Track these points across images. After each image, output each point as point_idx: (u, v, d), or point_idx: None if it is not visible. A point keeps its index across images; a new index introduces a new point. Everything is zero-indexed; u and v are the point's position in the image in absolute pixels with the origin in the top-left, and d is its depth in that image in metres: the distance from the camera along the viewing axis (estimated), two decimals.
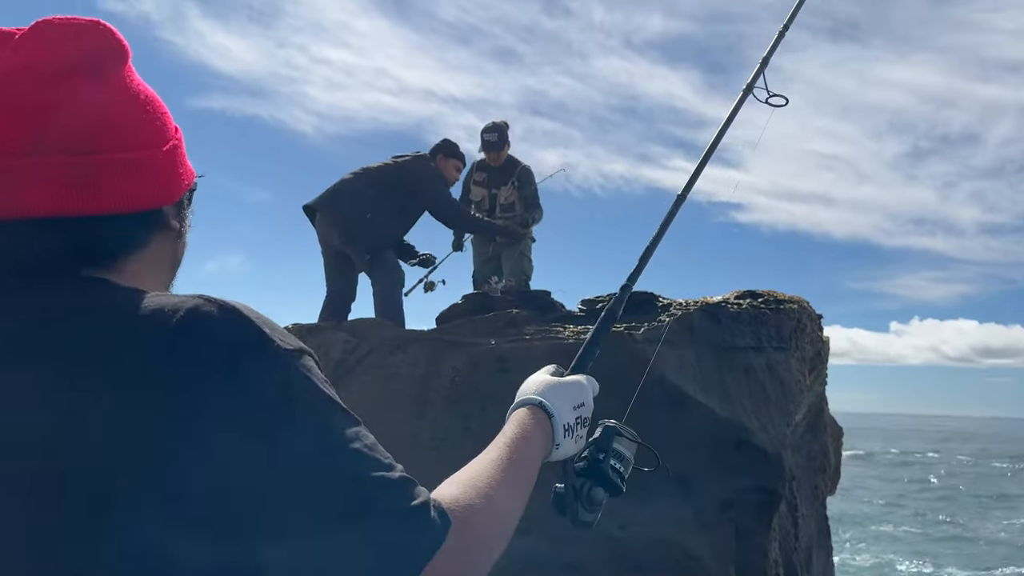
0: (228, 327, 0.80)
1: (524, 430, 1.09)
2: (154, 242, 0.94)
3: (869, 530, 17.51)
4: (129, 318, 0.82)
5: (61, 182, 0.85)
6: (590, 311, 4.99)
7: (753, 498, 4.53)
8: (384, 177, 5.35)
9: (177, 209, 0.98)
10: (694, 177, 1.72)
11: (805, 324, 5.19)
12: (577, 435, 1.19)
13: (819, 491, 5.89)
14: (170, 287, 1.02)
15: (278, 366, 0.80)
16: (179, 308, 0.81)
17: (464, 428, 4.27)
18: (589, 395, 1.24)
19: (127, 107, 0.90)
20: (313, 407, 0.81)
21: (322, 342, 4.55)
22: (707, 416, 4.31)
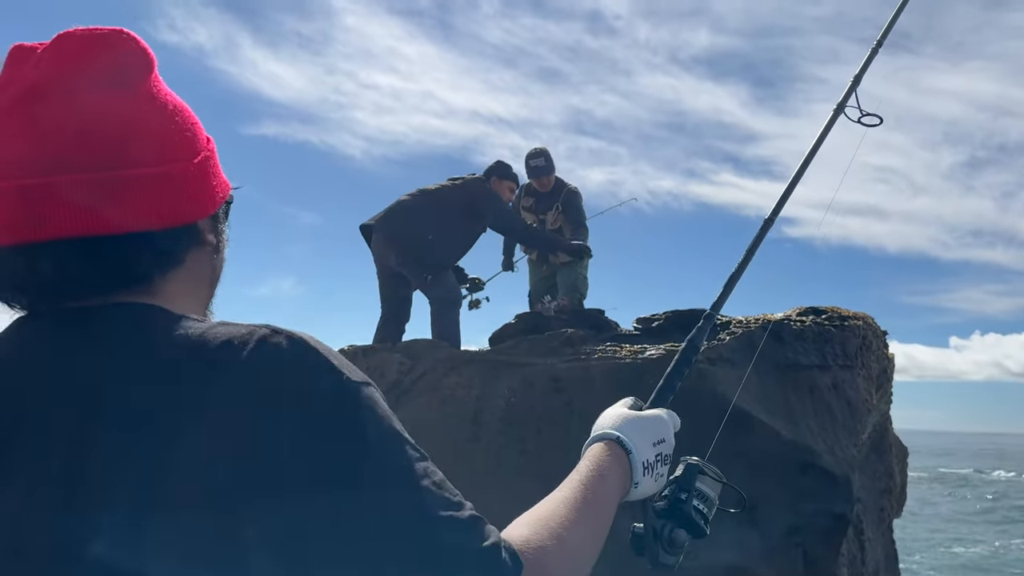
0: (298, 360, 0.77)
1: (600, 467, 1.03)
2: (190, 259, 0.90)
3: (938, 552, 16.86)
4: (195, 350, 0.78)
5: (88, 200, 0.81)
6: (646, 329, 4.89)
7: (821, 523, 4.36)
8: (444, 198, 5.34)
9: (213, 223, 0.94)
10: (782, 200, 1.65)
11: (871, 341, 5.01)
12: (657, 473, 1.12)
13: (885, 514, 5.67)
14: (209, 306, 0.99)
15: (348, 400, 0.77)
16: (247, 340, 0.78)
17: (520, 451, 4.20)
18: (670, 430, 1.17)
19: (154, 118, 0.86)
20: (383, 442, 0.77)
21: (377, 363, 4.54)
22: (771, 438, 4.17)
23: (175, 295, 0.89)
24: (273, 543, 0.72)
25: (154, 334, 0.81)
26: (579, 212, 6.21)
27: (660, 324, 4.81)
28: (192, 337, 0.79)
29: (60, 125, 0.81)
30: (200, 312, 0.95)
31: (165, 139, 0.86)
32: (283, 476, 0.72)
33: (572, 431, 4.19)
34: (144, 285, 0.86)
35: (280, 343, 0.78)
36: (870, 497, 5.22)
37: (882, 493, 5.54)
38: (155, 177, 0.84)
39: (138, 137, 0.84)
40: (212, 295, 0.99)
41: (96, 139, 0.82)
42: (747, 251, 1.56)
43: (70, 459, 0.74)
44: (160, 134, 0.86)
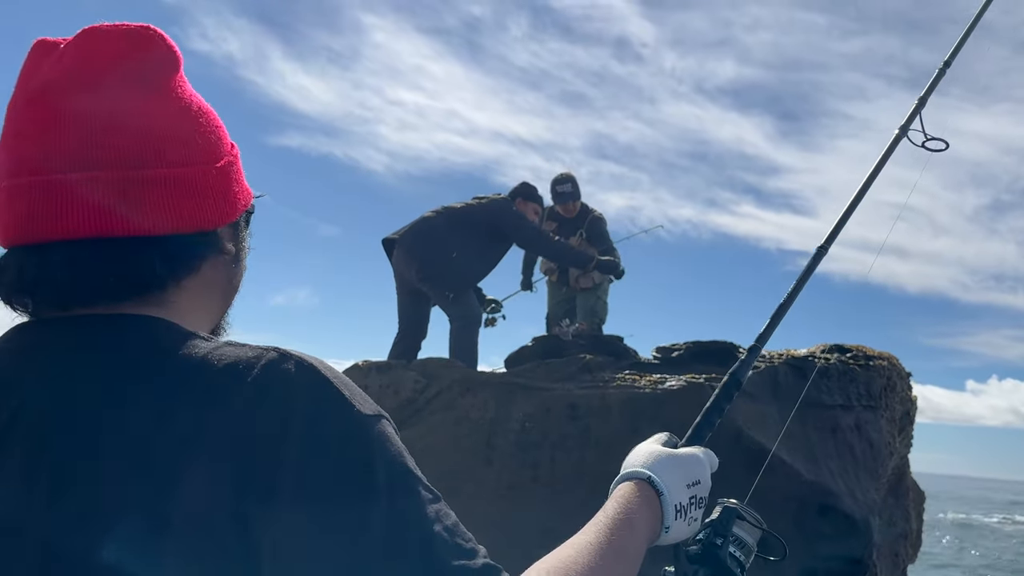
0: (307, 389, 0.72)
1: (628, 510, 0.95)
2: (206, 267, 0.86)
3: None
4: (197, 373, 0.73)
5: (106, 199, 0.77)
6: (665, 359, 4.80)
7: (838, 567, 4.25)
8: (470, 217, 5.30)
9: (233, 231, 0.90)
10: (838, 227, 1.56)
11: (895, 382, 4.90)
12: (691, 517, 1.04)
13: (900, 559, 5.53)
14: (225, 316, 0.94)
15: (358, 436, 0.71)
16: (254, 364, 0.73)
17: (532, 478, 4.12)
18: (707, 471, 1.09)
19: (178, 119, 0.83)
20: (392, 480, 0.71)
21: (392, 380, 4.48)
22: (791, 477, 4.06)
23: (187, 306, 0.84)
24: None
25: (157, 352, 0.76)
26: (604, 238, 6.13)
27: (680, 354, 4.73)
28: (195, 358, 0.74)
29: (81, 121, 0.78)
30: (212, 324, 0.91)
31: (188, 140, 0.83)
32: (283, 514, 0.67)
33: (587, 459, 4.11)
34: (156, 293, 0.81)
35: (289, 370, 0.73)
36: (885, 541, 5.09)
37: (898, 538, 5.41)
38: (175, 179, 0.81)
39: (160, 137, 0.81)
40: (228, 306, 0.94)
41: (117, 137, 0.79)
42: (798, 281, 1.46)
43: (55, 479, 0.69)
44: (183, 135, 0.83)
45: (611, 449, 4.32)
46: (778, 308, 1.42)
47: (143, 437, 0.69)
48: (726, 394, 1.28)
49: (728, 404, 1.27)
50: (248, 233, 0.95)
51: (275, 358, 0.73)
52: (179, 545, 0.66)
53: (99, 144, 0.78)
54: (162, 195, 0.80)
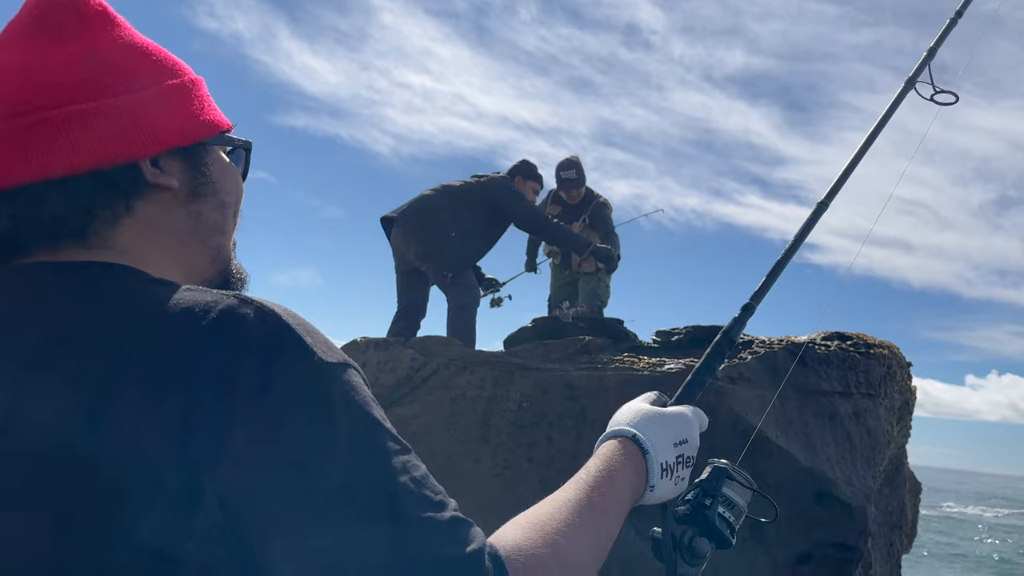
0: (263, 333, 0.68)
1: (611, 467, 0.93)
2: (143, 207, 0.82)
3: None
4: (148, 318, 0.70)
5: (2, 150, 0.77)
6: (665, 343, 4.78)
7: (832, 554, 4.24)
8: (468, 195, 5.26)
9: (185, 164, 0.85)
10: (840, 181, 1.53)
11: (895, 371, 4.88)
12: (677, 476, 1.02)
13: (895, 549, 5.53)
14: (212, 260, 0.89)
15: (316, 379, 0.68)
16: (210, 308, 0.69)
17: (528, 458, 4.10)
18: (695, 430, 1.07)
19: (76, 59, 0.80)
20: (354, 430, 0.68)
21: (389, 357, 4.46)
22: (788, 463, 4.05)
23: (140, 249, 0.81)
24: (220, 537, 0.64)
25: (101, 297, 0.73)
26: (607, 223, 6.09)
27: (680, 338, 4.70)
28: (146, 303, 0.72)
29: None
30: (186, 269, 0.86)
31: (84, 77, 0.80)
32: (237, 466, 0.64)
33: (584, 439, 4.10)
34: (80, 238, 0.78)
35: (246, 313, 0.69)
36: (880, 531, 5.08)
37: (893, 528, 5.41)
38: (71, 116, 0.78)
39: (52, 79, 0.79)
40: (210, 249, 0.89)
41: (11, 88, 0.79)
42: (795, 237, 1.43)
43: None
44: (78, 73, 0.80)
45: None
46: (775, 265, 1.39)
47: (82, 387, 0.66)
48: (717, 353, 1.26)
49: (720, 363, 1.25)
50: (219, 166, 0.90)
51: (233, 303, 0.70)
52: (126, 486, 0.64)
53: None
54: (52, 136, 0.77)
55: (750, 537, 4.14)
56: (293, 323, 0.71)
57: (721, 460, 1.13)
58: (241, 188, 0.94)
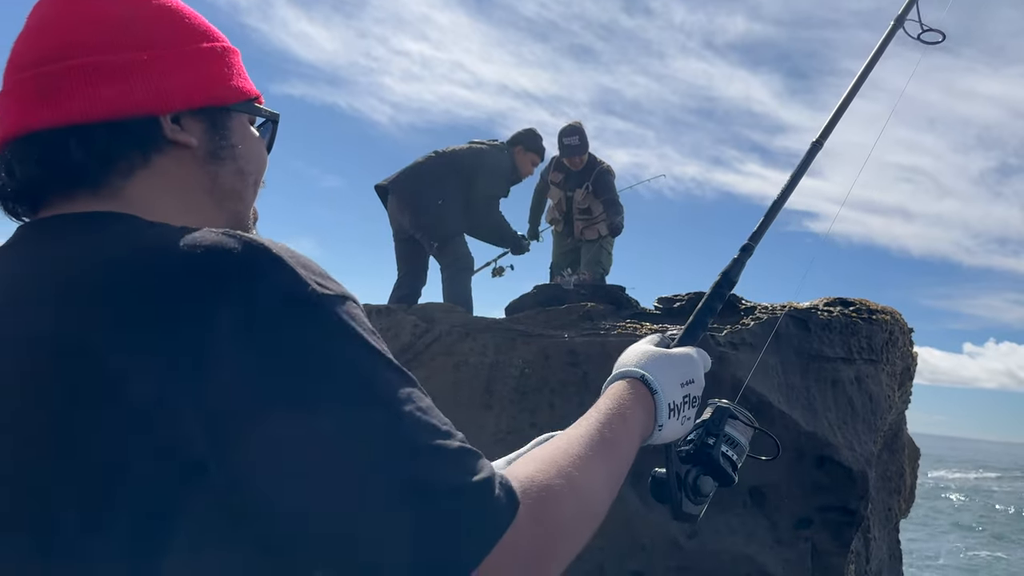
0: (250, 264, 0.67)
1: (621, 406, 0.93)
2: (162, 160, 0.83)
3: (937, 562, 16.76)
4: (136, 257, 0.70)
5: (27, 95, 0.79)
6: (667, 310, 4.77)
7: (833, 517, 4.28)
8: (457, 162, 5.21)
9: (209, 125, 0.86)
10: (833, 120, 1.52)
11: (897, 337, 4.89)
12: (684, 416, 1.02)
13: (893, 513, 5.59)
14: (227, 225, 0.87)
15: (310, 308, 0.66)
16: (197, 243, 0.68)
17: (530, 424, 4.12)
18: (700, 370, 1.07)
19: (109, 11, 0.82)
20: (354, 358, 0.66)
21: (391, 324, 4.46)
22: (790, 428, 4.07)
23: (151, 202, 0.81)
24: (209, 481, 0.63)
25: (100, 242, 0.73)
26: (611, 190, 6.02)
27: (682, 305, 4.70)
28: (139, 243, 0.71)
29: (29, 32, 0.83)
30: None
31: (118, 29, 0.81)
32: (224, 402, 0.63)
33: (586, 405, 4.09)
34: (94, 188, 0.79)
35: (233, 247, 0.68)
36: (879, 496, 5.13)
37: (891, 492, 5.46)
38: (99, 66, 0.79)
39: (86, 30, 0.80)
40: (228, 210, 0.89)
41: (44, 37, 0.81)
42: (792, 176, 1.42)
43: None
44: (112, 26, 0.81)
45: None
46: (772, 204, 1.38)
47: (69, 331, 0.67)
48: (718, 294, 1.26)
49: (720, 304, 1.24)
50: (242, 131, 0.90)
51: (221, 238, 0.69)
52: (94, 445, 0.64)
53: (30, 47, 0.81)
54: (78, 84, 0.78)
55: (751, 502, 4.17)
56: (285, 255, 0.69)
57: (722, 400, 1.14)
58: (264, 159, 0.94)
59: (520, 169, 5.50)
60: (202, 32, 0.87)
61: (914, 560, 14.86)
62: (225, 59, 0.88)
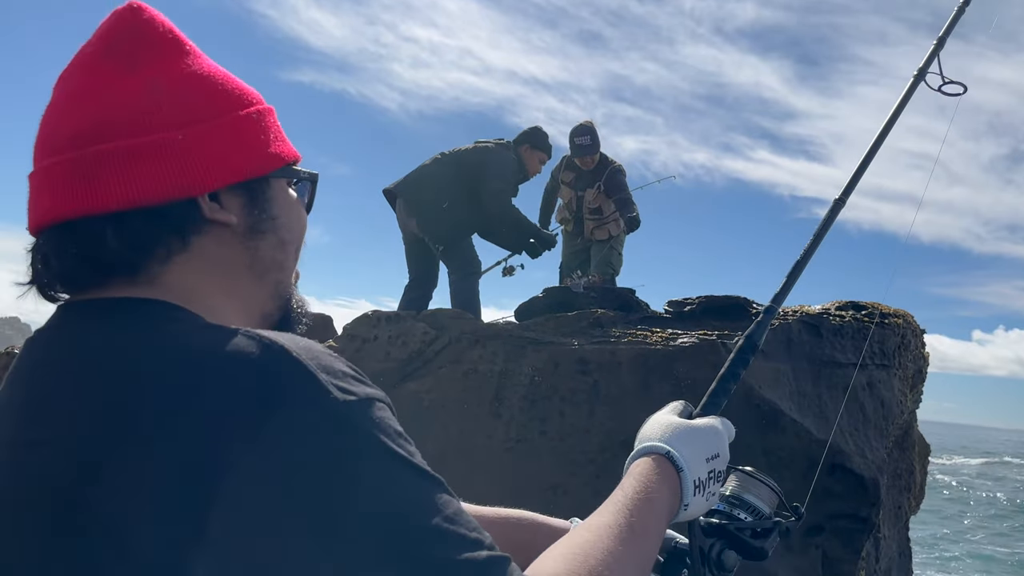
0: (268, 370, 0.65)
1: (648, 489, 0.90)
2: (202, 241, 0.80)
3: (942, 553, 16.72)
4: (156, 357, 0.68)
5: (63, 181, 0.76)
6: (677, 313, 4.75)
7: (844, 525, 4.26)
8: (463, 163, 5.15)
9: (247, 199, 0.83)
10: (854, 180, 1.49)
11: (909, 340, 4.85)
12: (709, 492, 0.99)
13: (902, 511, 5.57)
14: (271, 296, 0.87)
15: (335, 422, 0.64)
16: (214, 348, 0.67)
17: (540, 432, 4.11)
18: (725, 443, 1.04)
19: (144, 89, 0.78)
20: (379, 476, 0.64)
21: (401, 331, 4.45)
22: (802, 435, 4.05)
23: (190, 286, 0.78)
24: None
25: (123, 340, 0.71)
26: (623, 189, 5.97)
27: (692, 309, 4.67)
28: (158, 345, 0.70)
29: (57, 106, 0.79)
30: (242, 305, 0.84)
31: (150, 108, 0.77)
32: (247, 515, 0.61)
33: (596, 414, 4.10)
34: (131, 275, 0.76)
35: (251, 352, 0.66)
36: (889, 494, 5.11)
37: (902, 491, 5.43)
38: (137, 148, 0.76)
39: (117, 109, 0.77)
40: (267, 284, 0.87)
41: (74, 118, 0.77)
42: (814, 236, 1.39)
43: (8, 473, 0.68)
44: (144, 104, 0.78)
45: (620, 405, 4.32)
46: (795, 265, 1.35)
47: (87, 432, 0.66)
48: (742, 359, 1.23)
49: (744, 369, 1.21)
50: (281, 199, 0.87)
51: (240, 341, 0.67)
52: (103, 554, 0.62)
53: (61, 127, 0.77)
54: (112, 168, 0.75)
55: None
56: (306, 358, 0.66)
57: (746, 468, 1.11)
58: (304, 223, 0.91)
59: (528, 167, 5.43)
60: (237, 98, 0.84)
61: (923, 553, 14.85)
62: (262, 124, 0.85)
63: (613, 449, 3.96)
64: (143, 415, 0.65)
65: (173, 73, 0.80)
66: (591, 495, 4.46)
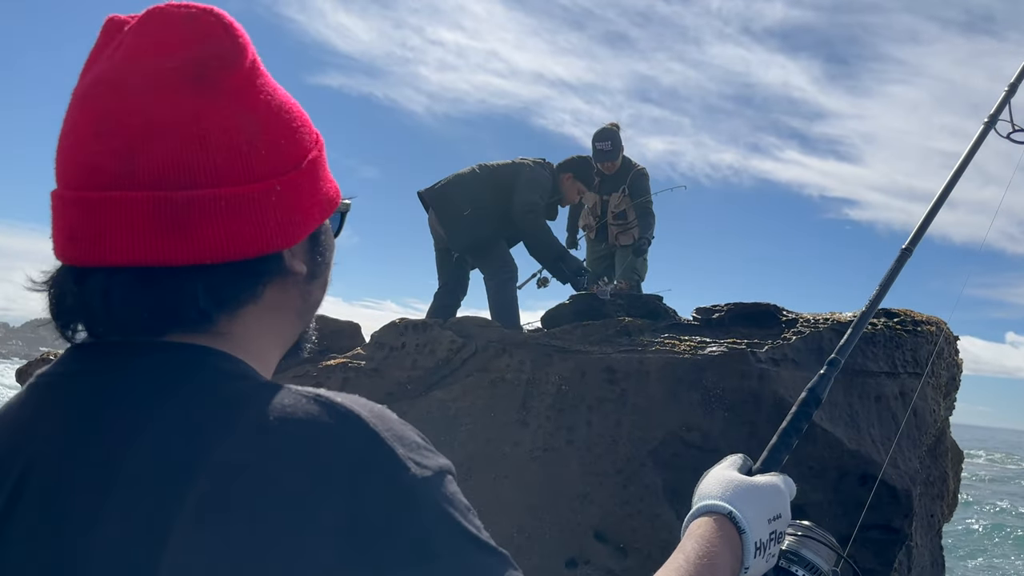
0: (349, 449, 0.63)
1: (710, 552, 0.88)
2: (270, 291, 0.76)
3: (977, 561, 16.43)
4: (224, 420, 0.65)
5: (146, 224, 0.68)
6: (705, 321, 4.71)
7: (876, 536, 4.20)
8: (495, 174, 5.14)
9: (310, 245, 0.79)
10: (924, 226, 1.47)
11: (943, 348, 4.77)
12: (769, 553, 0.96)
13: (935, 519, 5.47)
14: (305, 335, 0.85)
15: (410, 503, 0.63)
16: (288, 417, 0.64)
17: (567, 441, 4.09)
18: (787, 504, 1.01)
19: (236, 125, 0.71)
20: (452, 547, 0.63)
21: (428, 340, 4.46)
22: (833, 446, 3.99)
23: (248, 334, 0.75)
24: None
25: (186, 393, 0.67)
26: (646, 194, 5.95)
27: (720, 316, 4.63)
28: (227, 401, 0.66)
29: (124, 128, 0.68)
30: (284, 346, 0.81)
31: (248, 152, 0.71)
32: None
33: (623, 424, 4.07)
34: (202, 328, 0.72)
35: (328, 424, 0.64)
36: (921, 502, 5.02)
37: (934, 499, 5.34)
38: (227, 200, 0.70)
39: (211, 149, 0.69)
40: (306, 325, 0.84)
41: (159, 150, 0.68)
42: (881, 286, 1.39)
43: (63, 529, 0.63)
44: (242, 146, 0.71)
45: (648, 414, 4.29)
46: (860, 315, 1.33)
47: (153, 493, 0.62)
48: (804, 412, 1.20)
49: (807, 423, 1.19)
50: (330, 240, 0.83)
51: (314, 411, 0.65)
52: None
53: (139, 158, 0.68)
54: (212, 219, 0.69)
55: None
56: (382, 430, 0.65)
57: (804, 521, 1.09)
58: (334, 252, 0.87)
59: (565, 194, 5.30)
60: (308, 135, 0.78)
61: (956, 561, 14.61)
62: (324, 162, 0.80)
63: (640, 459, 3.94)
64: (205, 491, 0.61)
65: (263, 107, 0.73)
66: (618, 505, 4.40)
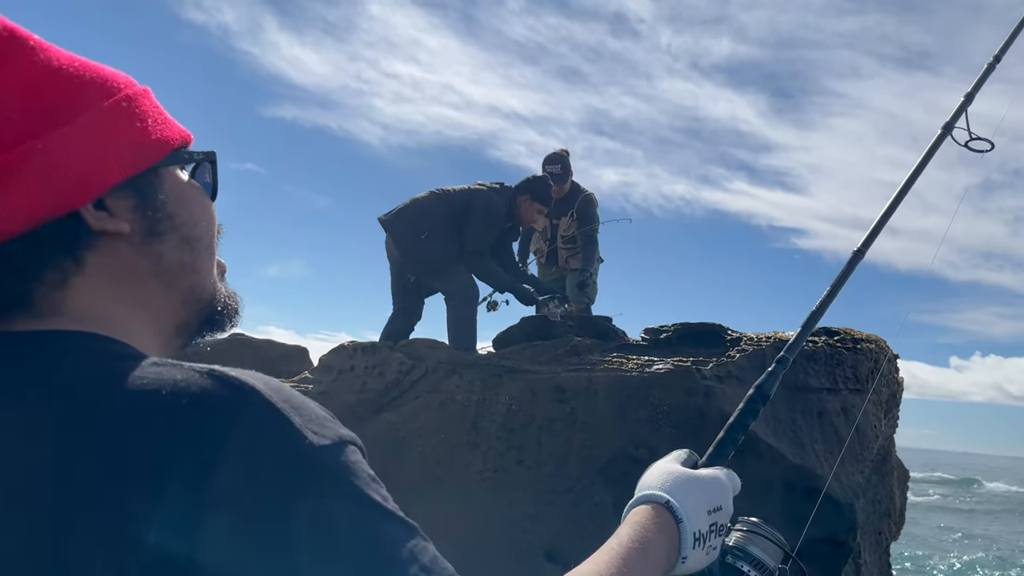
0: (245, 417, 0.62)
1: (643, 537, 0.87)
2: (95, 259, 0.72)
3: None
4: (108, 399, 0.62)
5: None
6: (653, 341, 4.78)
7: (821, 550, 4.27)
8: (452, 199, 5.16)
9: (136, 199, 0.74)
10: (876, 229, 1.50)
11: (882, 364, 4.90)
12: (710, 546, 0.95)
13: (883, 537, 5.58)
14: (184, 303, 0.79)
15: (306, 470, 0.61)
16: (182, 391, 0.62)
17: (518, 461, 4.10)
18: (729, 496, 1.00)
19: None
20: (353, 521, 0.62)
21: (378, 362, 4.44)
22: (777, 461, 4.07)
23: (97, 311, 0.71)
24: None
25: (45, 377, 0.64)
26: (593, 220, 6.05)
27: (668, 336, 4.70)
28: (100, 384, 0.63)
29: None
30: (155, 319, 0.77)
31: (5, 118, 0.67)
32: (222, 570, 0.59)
33: (573, 442, 4.10)
34: (27, 307, 0.69)
35: (223, 395, 0.62)
36: (869, 520, 5.12)
37: (881, 517, 5.45)
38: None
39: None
40: (176, 293, 0.78)
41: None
42: (831, 287, 1.40)
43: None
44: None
45: (597, 432, 4.32)
46: (809, 316, 1.36)
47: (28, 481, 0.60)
48: (751, 409, 1.21)
49: (753, 419, 1.19)
50: (177, 192, 0.77)
51: (207, 384, 0.63)
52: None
53: None
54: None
55: None
56: (278, 400, 0.63)
57: (751, 518, 1.09)
58: (212, 213, 0.82)
59: (523, 216, 5.31)
60: (99, 87, 0.73)
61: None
62: (135, 110, 0.75)
63: (591, 476, 3.96)
64: (108, 470, 0.59)
65: (20, 74, 0.69)
66: (568, 524, 4.40)
